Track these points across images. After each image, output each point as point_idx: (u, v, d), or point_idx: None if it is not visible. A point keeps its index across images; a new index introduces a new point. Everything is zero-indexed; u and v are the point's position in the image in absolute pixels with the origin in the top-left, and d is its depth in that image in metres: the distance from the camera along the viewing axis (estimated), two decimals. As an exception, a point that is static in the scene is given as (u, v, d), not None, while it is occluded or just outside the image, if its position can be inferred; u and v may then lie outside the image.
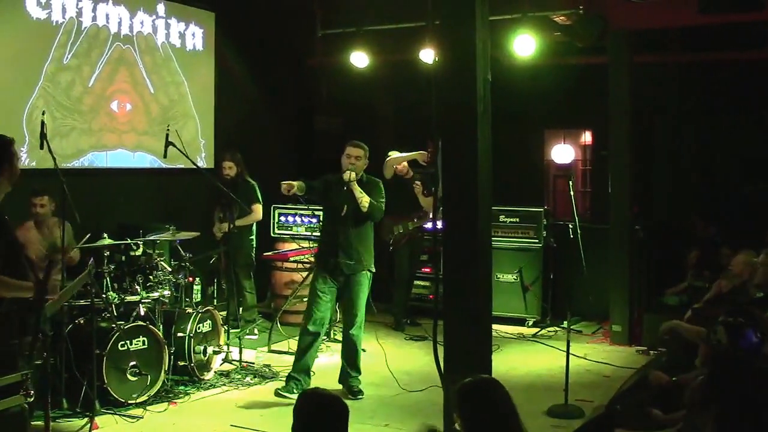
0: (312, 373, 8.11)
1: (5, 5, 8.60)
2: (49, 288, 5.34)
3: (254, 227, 10.28)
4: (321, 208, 8.75)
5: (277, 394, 7.81)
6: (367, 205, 7.85)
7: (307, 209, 10.63)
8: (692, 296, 9.26)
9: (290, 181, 7.82)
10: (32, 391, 5.21)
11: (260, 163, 10.52)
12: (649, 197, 12.35)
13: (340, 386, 8.05)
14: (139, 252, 8.13)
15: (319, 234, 8.41)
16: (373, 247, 8.21)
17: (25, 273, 5.21)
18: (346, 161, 7.90)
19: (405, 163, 10.61)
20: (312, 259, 9.64)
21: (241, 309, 10.08)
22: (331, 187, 7.99)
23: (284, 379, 8.10)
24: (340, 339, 8.83)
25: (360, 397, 7.91)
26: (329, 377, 8.34)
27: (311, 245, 10.34)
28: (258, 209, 10.09)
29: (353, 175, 7.84)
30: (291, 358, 8.97)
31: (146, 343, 7.51)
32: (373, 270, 8.17)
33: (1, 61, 8.58)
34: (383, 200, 8.09)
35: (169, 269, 8.25)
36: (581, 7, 9.73)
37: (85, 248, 7.50)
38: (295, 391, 7.70)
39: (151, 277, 7.99)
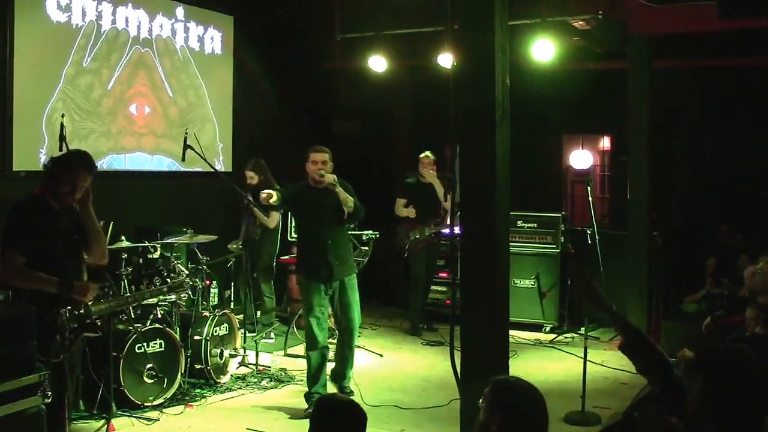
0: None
1: (26, 8, 8.64)
2: (76, 288, 5.43)
3: (278, 233, 10.27)
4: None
5: (307, 416, 7.34)
6: (351, 205, 7.69)
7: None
8: (710, 304, 9.20)
9: (271, 191, 7.59)
10: (50, 392, 5.23)
11: (277, 166, 10.51)
12: (668, 203, 12.29)
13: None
14: (156, 255, 8.16)
15: (299, 246, 8.04)
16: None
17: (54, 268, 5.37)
18: (314, 167, 7.66)
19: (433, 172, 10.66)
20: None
21: (258, 312, 10.08)
22: (300, 195, 7.78)
23: (301, 382, 8.19)
24: (356, 344, 8.85)
25: (352, 396, 7.67)
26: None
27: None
28: (274, 216, 10.04)
29: (334, 178, 7.64)
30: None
31: (163, 346, 7.52)
32: (356, 271, 8.09)
33: (21, 63, 8.61)
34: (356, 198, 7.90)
35: (187, 272, 8.26)
36: (600, 12, 9.68)
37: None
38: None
39: (168, 279, 8.01)
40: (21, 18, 8.58)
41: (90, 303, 5.63)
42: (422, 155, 10.76)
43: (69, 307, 5.40)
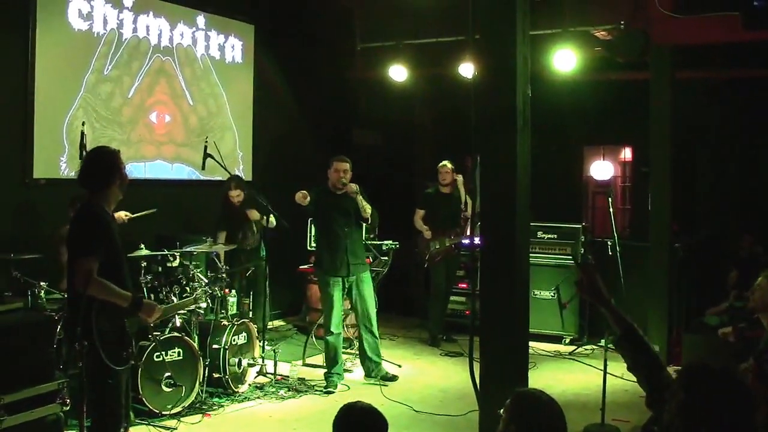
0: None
1: (48, 16, 8.68)
2: (144, 306, 5.35)
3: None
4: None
5: (327, 392, 8.36)
6: (369, 212, 8.68)
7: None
8: (733, 316, 9.12)
9: (305, 192, 8.42)
10: (68, 400, 5.24)
11: (297, 175, 10.51)
12: (689, 215, 12.20)
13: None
14: (175, 263, 8.16)
15: (319, 245, 8.81)
16: None
17: (124, 283, 5.31)
18: (336, 175, 8.56)
19: (460, 177, 10.64)
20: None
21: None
22: (323, 198, 8.61)
23: (318, 392, 8.31)
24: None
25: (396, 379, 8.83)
26: (366, 392, 8.36)
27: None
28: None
29: (357, 187, 8.52)
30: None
31: (181, 355, 7.51)
32: (369, 268, 9.11)
33: (43, 71, 8.65)
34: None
35: (206, 281, 8.26)
36: (623, 22, 9.65)
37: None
38: (339, 384, 8.57)
39: (187, 288, 8.01)
40: (43, 26, 8.62)
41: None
42: (440, 165, 10.74)
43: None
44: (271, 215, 9.05)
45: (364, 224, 9.02)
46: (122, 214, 7.88)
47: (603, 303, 3.85)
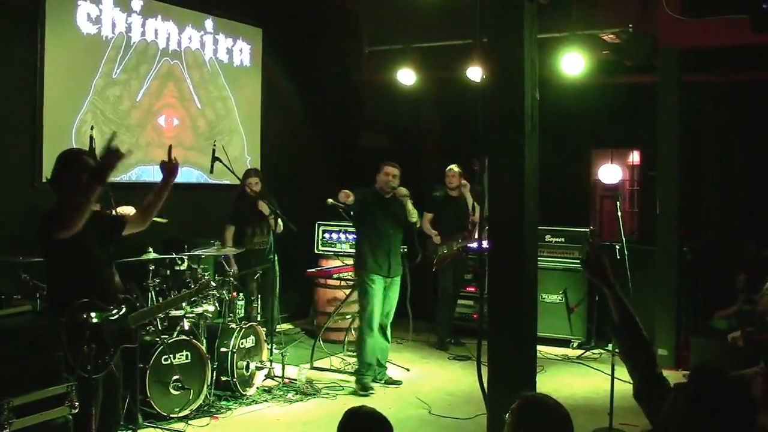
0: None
1: (57, 20, 8.70)
2: (103, 164, 5.38)
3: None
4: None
5: (367, 394, 8.50)
6: (415, 217, 8.96)
7: (351, 226, 10.62)
8: (741, 320, 9.10)
9: (348, 191, 8.58)
10: (77, 403, 5.24)
11: (305, 178, 10.52)
12: (698, 219, 12.18)
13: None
14: (184, 267, 8.17)
15: (362, 244, 8.86)
16: None
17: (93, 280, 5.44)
18: (386, 179, 8.82)
19: (467, 185, 10.65)
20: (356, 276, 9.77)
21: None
22: (370, 200, 8.81)
23: (327, 395, 8.34)
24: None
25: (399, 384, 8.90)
26: (373, 395, 8.41)
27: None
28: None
29: (407, 191, 8.79)
30: (333, 375, 9.01)
31: (189, 358, 7.52)
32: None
33: (51, 75, 8.66)
34: None
35: (214, 284, 8.27)
36: (630, 26, 9.65)
37: (131, 262, 7.53)
38: (376, 378, 8.81)
39: (195, 291, 8.03)
40: (52, 30, 8.64)
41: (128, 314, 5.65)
42: (447, 168, 10.74)
43: (99, 312, 5.37)
44: (279, 219, 9.06)
45: (405, 228, 9.10)
46: (129, 210, 7.84)
47: (608, 284, 3.86)
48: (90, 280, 5.47)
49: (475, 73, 10.39)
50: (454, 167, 10.69)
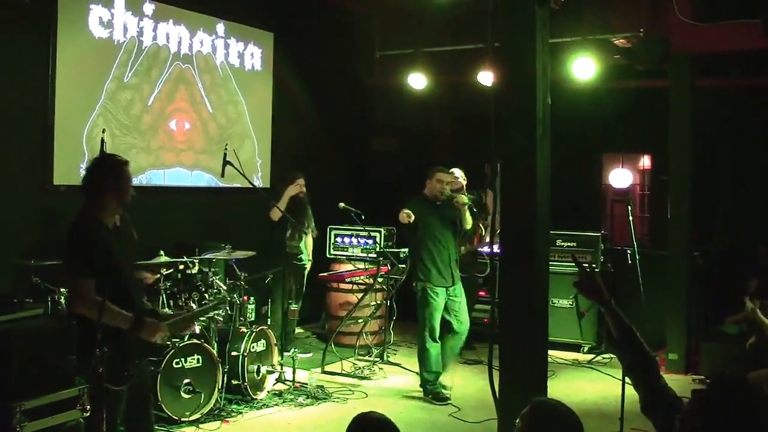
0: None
1: (69, 24, 8.73)
2: (146, 327, 5.18)
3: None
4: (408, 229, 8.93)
5: (445, 403, 8.35)
6: (471, 224, 8.80)
7: (363, 230, 10.63)
8: (752, 325, 9.06)
9: (409, 212, 8.42)
10: (88, 406, 5.24)
11: (316, 183, 10.52)
12: (709, 223, 12.14)
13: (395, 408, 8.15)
14: (194, 270, 8.18)
15: (423, 256, 8.58)
16: None
17: (128, 302, 5.15)
18: (439, 186, 8.65)
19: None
20: (368, 281, 9.80)
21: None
22: (423, 209, 8.61)
23: (337, 400, 8.31)
24: (394, 361, 8.90)
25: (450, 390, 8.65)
26: (384, 400, 8.39)
27: (367, 266, 10.39)
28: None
29: (467, 200, 8.62)
30: (345, 380, 9.00)
31: (200, 362, 7.52)
32: None
33: (63, 78, 8.69)
34: None
35: (224, 288, 8.28)
36: (642, 30, 9.63)
37: (141, 265, 7.55)
38: (444, 391, 8.54)
39: (206, 295, 8.03)
40: (63, 33, 8.67)
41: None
42: (450, 171, 10.68)
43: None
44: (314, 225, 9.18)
45: (460, 234, 8.87)
46: (149, 276, 7.78)
47: (603, 302, 3.87)
48: (123, 299, 5.17)
49: (486, 77, 10.38)
50: (455, 170, 10.65)
